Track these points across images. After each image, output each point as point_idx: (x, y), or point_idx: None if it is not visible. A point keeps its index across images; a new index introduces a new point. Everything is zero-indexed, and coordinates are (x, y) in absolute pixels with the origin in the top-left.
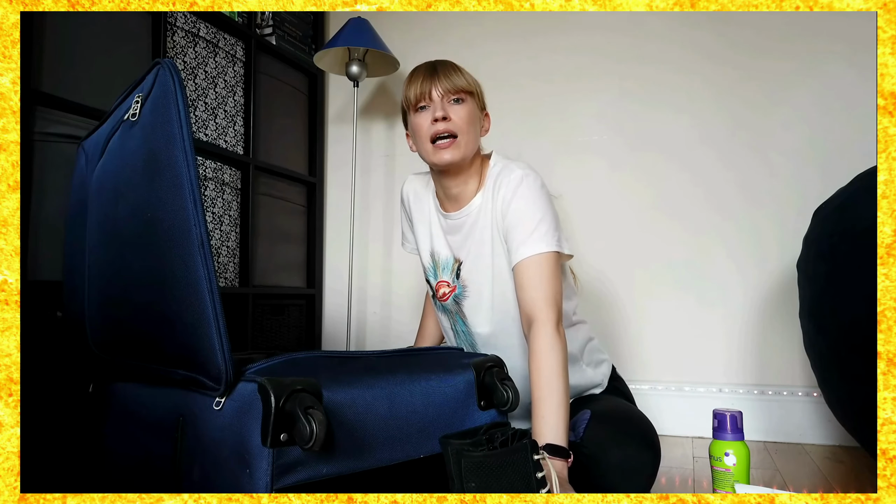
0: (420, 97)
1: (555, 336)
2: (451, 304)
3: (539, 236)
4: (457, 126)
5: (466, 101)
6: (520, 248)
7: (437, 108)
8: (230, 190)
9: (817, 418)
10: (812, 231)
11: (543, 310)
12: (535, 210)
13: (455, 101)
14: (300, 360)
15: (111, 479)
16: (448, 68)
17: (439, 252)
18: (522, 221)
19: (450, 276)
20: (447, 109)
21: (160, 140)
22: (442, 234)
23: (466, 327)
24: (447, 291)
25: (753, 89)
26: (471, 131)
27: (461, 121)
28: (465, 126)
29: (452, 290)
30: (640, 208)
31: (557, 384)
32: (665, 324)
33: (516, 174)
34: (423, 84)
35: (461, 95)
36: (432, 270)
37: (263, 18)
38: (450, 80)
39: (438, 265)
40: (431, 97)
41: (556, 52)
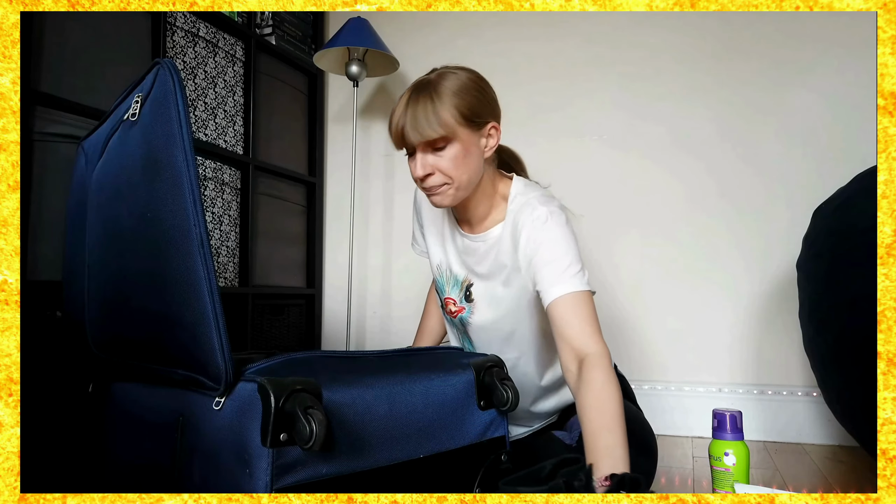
0: (399, 146)
1: (612, 370)
2: (458, 323)
3: (573, 274)
4: (443, 177)
5: (449, 146)
6: (555, 286)
7: (416, 164)
8: (230, 190)
9: (817, 418)
10: (812, 231)
11: (599, 343)
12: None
13: (436, 150)
14: (300, 360)
15: (111, 479)
16: (419, 112)
17: (451, 268)
18: (555, 260)
19: (458, 295)
20: (428, 163)
21: (160, 140)
22: (456, 252)
23: (472, 345)
24: (454, 310)
25: (753, 89)
26: (462, 171)
27: (447, 169)
28: (453, 171)
29: (460, 310)
30: (640, 208)
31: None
32: (665, 323)
33: (540, 212)
34: (396, 136)
35: (440, 143)
36: (441, 285)
37: (263, 18)
38: (421, 132)
39: (448, 282)
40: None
41: (556, 52)
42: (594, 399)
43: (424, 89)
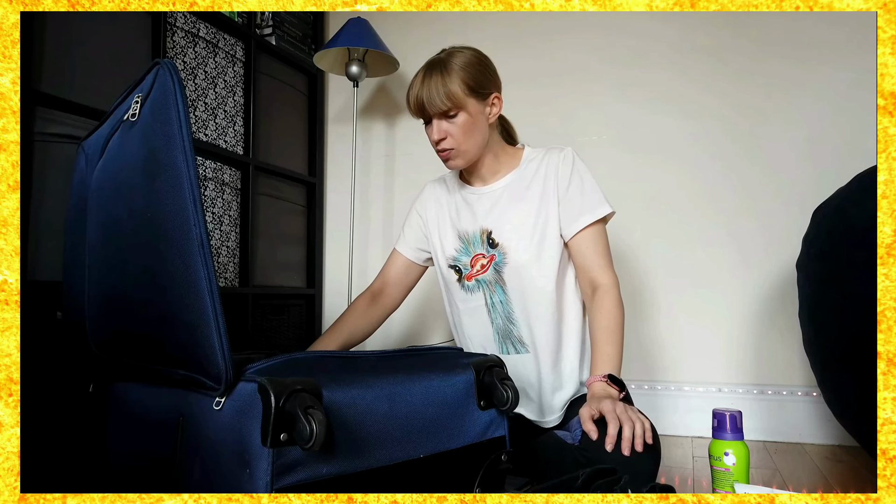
0: (419, 115)
1: (619, 297)
2: (490, 275)
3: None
4: (454, 141)
5: (459, 114)
6: (577, 219)
7: (433, 129)
8: (230, 190)
9: (817, 418)
10: (812, 231)
11: (610, 274)
12: (592, 185)
13: (449, 118)
14: (300, 360)
15: (111, 479)
16: (432, 86)
17: (466, 229)
18: (582, 194)
19: (483, 248)
20: (442, 129)
21: (160, 140)
22: (471, 213)
23: (505, 295)
24: (486, 263)
25: (753, 89)
26: (470, 137)
27: (457, 135)
28: (462, 137)
29: (491, 258)
30: (640, 208)
31: (620, 334)
32: (665, 323)
33: (567, 152)
34: (414, 107)
35: (451, 111)
36: (464, 249)
37: (263, 18)
38: (434, 104)
39: (470, 242)
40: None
41: (556, 52)
42: (602, 319)
43: (436, 67)
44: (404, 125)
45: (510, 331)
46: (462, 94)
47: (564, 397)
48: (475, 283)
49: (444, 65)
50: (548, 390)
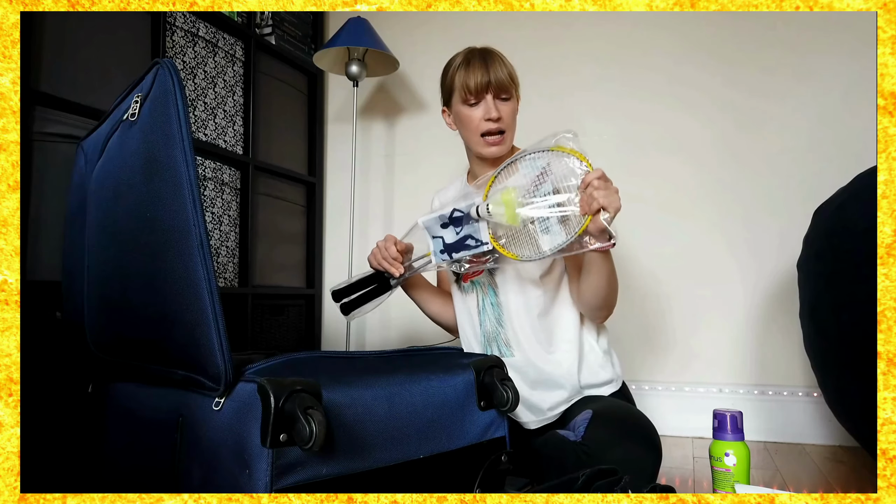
0: (476, 95)
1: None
2: (485, 277)
3: None
4: (506, 123)
5: (511, 99)
6: None
7: (490, 107)
8: (229, 190)
9: (817, 418)
10: (812, 231)
11: None
12: None
13: (504, 100)
14: (300, 360)
15: (111, 480)
16: (498, 65)
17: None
18: None
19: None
20: (498, 108)
21: (159, 140)
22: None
23: (496, 297)
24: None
25: (753, 89)
26: (514, 124)
27: (509, 118)
28: (511, 122)
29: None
30: (640, 208)
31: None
32: (665, 323)
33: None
34: (479, 83)
35: (507, 93)
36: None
37: (263, 18)
38: (501, 82)
39: None
40: (485, 96)
41: (556, 52)
42: None
43: (490, 53)
44: (404, 125)
45: (497, 333)
46: (516, 79)
47: (556, 400)
48: (471, 284)
49: (494, 52)
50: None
